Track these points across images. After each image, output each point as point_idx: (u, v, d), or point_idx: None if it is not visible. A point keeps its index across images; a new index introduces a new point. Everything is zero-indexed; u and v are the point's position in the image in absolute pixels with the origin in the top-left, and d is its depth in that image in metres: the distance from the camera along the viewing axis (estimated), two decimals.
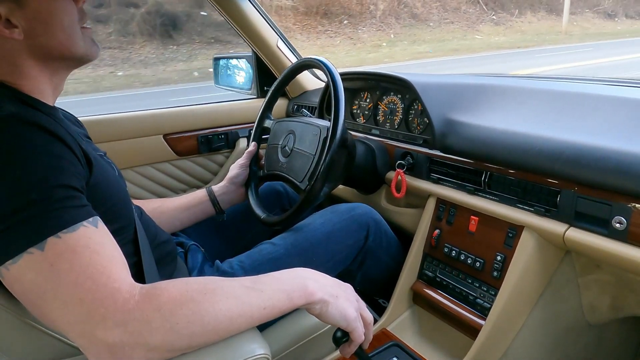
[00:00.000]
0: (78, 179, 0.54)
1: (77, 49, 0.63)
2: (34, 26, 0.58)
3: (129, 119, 1.38)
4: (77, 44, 0.62)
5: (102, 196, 0.60)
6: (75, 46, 0.62)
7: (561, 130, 0.83)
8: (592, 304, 0.92)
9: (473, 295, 0.94)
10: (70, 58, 0.63)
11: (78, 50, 0.63)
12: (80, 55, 0.64)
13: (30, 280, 0.47)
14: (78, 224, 0.49)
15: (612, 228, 0.71)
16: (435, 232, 1.02)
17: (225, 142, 1.52)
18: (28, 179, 0.48)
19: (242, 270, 0.89)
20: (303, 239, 0.96)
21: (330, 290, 0.60)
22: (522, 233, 0.86)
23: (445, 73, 1.81)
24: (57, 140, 0.53)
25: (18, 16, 0.57)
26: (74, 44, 0.62)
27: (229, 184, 1.08)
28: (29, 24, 0.58)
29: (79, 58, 0.64)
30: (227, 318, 0.51)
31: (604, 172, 0.71)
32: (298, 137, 1.04)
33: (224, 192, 1.07)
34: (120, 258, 0.52)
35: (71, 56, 0.63)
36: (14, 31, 0.57)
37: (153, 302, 0.48)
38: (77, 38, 0.62)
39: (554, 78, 1.28)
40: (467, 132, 0.95)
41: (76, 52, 0.63)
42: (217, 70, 1.80)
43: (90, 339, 0.45)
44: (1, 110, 0.52)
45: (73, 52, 0.62)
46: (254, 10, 1.40)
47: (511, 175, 0.88)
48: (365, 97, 1.34)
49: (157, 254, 0.77)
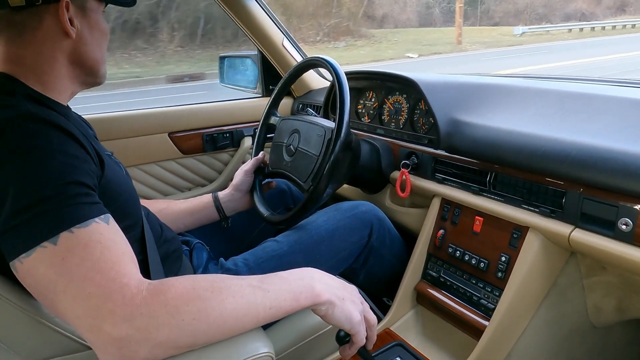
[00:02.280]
0: (91, 176, 0.55)
1: (101, 70, 0.71)
2: (86, 35, 0.66)
3: (134, 117, 1.39)
4: (103, 66, 0.72)
5: (113, 195, 0.62)
6: (102, 67, 0.71)
7: (568, 131, 0.82)
8: (597, 306, 0.92)
9: (477, 296, 0.93)
10: (94, 75, 0.71)
11: (101, 71, 0.71)
12: (100, 76, 0.72)
13: (42, 274, 0.47)
14: (90, 220, 0.50)
15: (618, 230, 0.71)
16: (440, 232, 1.02)
17: (230, 141, 1.53)
18: (43, 176, 0.50)
19: (246, 267, 0.90)
20: (307, 236, 0.97)
21: (336, 292, 0.61)
22: (527, 234, 0.85)
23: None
24: (72, 139, 0.55)
25: (80, 20, 0.65)
26: (102, 65, 0.71)
27: (234, 191, 1.08)
28: (83, 32, 0.66)
29: (98, 79, 0.72)
30: (233, 317, 0.51)
31: (611, 173, 0.70)
32: (303, 136, 1.04)
33: (230, 199, 1.07)
34: (130, 254, 0.52)
35: (96, 73, 0.71)
36: (73, 30, 0.64)
37: (160, 298, 0.48)
38: (104, 61, 0.72)
39: (561, 78, 1.27)
40: (473, 132, 0.95)
41: (100, 71, 0.71)
42: (222, 69, 1.80)
43: (97, 333, 0.46)
44: (19, 108, 0.54)
45: (99, 70, 0.71)
46: (260, 10, 1.41)
47: (516, 176, 0.87)
48: (371, 97, 1.34)
49: (163, 252, 0.77)
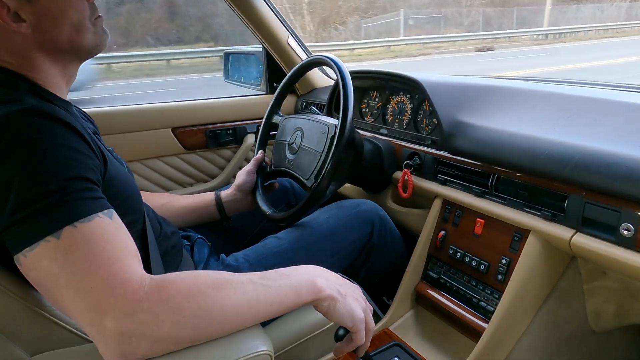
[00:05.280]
0: (95, 172, 0.55)
1: (86, 42, 0.63)
2: (42, 22, 0.59)
3: (138, 111, 1.39)
4: (86, 38, 0.63)
5: (115, 191, 0.62)
6: (84, 40, 0.63)
7: (571, 134, 0.82)
8: (596, 311, 0.92)
9: (477, 298, 0.93)
10: (80, 51, 0.64)
11: (88, 44, 0.64)
12: (90, 47, 0.65)
13: (46, 268, 0.48)
14: (94, 214, 0.50)
15: (619, 235, 0.71)
16: (441, 234, 1.02)
17: (233, 137, 1.53)
18: (47, 170, 0.50)
19: (247, 263, 0.90)
20: (308, 233, 0.97)
21: (338, 289, 0.61)
22: (528, 237, 0.85)
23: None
24: (76, 134, 0.54)
25: (27, 11, 0.57)
26: (83, 38, 0.63)
27: (236, 192, 1.08)
28: (38, 20, 0.58)
29: (89, 50, 0.65)
30: (234, 313, 0.52)
31: (614, 178, 0.70)
32: (306, 134, 1.04)
33: (231, 200, 1.07)
34: (133, 249, 0.52)
35: (81, 49, 0.64)
36: (22, 25, 0.58)
37: (161, 294, 0.48)
38: (86, 32, 0.63)
39: (565, 82, 1.26)
40: (476, 134, 0.95)
41: (86, 45, 0.64)
42: (227, 66, 1.80)
43: (99, 327, 0.46)
44: (22, 103, 0.54)
45: (83, 45, 0.63)
46: (265, 6, 1.40)
47: (519, 179, 0.87)
48: (374, 96, 1.34)
49: (163, 247, 0.78)
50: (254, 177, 1.10)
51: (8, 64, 0.60)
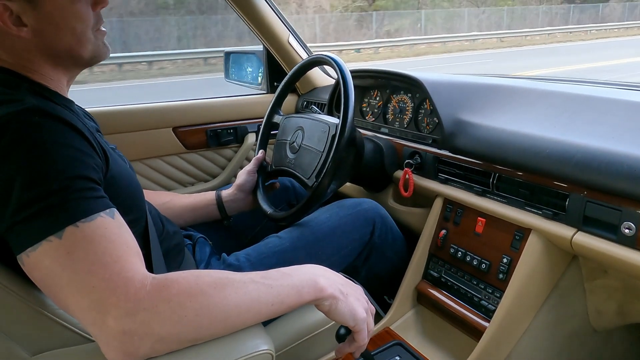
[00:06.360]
0: (96, 171, 0.55)
1: (85, 52, 0.64)
2: (44, 27, 0.59)
3: (139, 111, 1.39)
4: (85, 48, 0.63)
5: (117, 189, 0.62)
6: (84, 51, 0.63)
7: (572, 133, 0.82)
8: (598, 310, 0.91)
9: (478, 297, 0.93)
10: (78, 60, 0.65)
11: (86, 54, 0.64)
12: (88, 58, 0.65)
13: (48, 267, 0.48)
14: (96, 214, 0.50)
15: (621, 234, 0.71)
16: (442, 233, 1.02)
17: (234, 137, 1.53)
18: (49, 170, 0.50)
19: (248, 262, 0.90)
20: (309, 232, 0.97)
21: (340, 288, 0.61)
22: (529, 236, 0.85)
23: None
24: (77, 133, 0.55)
25: (30, 16, 0.57)
26: (82, 48, 0.63)
27: (237, 191, 1.08)
28: (40, 25, 0.58)
29: (87, 61, 0.66)
30: (236, 312, 0.52)
31: (615, 177, 0.70)
32: (307, 133, 1.04)
33: (232, 199, 1.07)
34: (135, 248, 0.53)
35: (79, 58, 0.64)
36: (22, 29, 0.58)
37: (163, 293, 0.48)
38: (87, 42, 0.63)
39: (566, 80, 1.26)
40: (477, 133, 0.94)
41: (85, 55, 0.64)
42: (227, 65, 1.80)
43: (101, 326, 0.46)
44: (24, 102, 0.54)
45: (82, 55, 0.64)
46: (265, 6, 1.40)
47: (520, 178, 0.87)
48: (375, 95, 1.34)
49: (165, 246, 0.78)
50: (254, 176, 1.10)
51: (9, 64, 0.60)
